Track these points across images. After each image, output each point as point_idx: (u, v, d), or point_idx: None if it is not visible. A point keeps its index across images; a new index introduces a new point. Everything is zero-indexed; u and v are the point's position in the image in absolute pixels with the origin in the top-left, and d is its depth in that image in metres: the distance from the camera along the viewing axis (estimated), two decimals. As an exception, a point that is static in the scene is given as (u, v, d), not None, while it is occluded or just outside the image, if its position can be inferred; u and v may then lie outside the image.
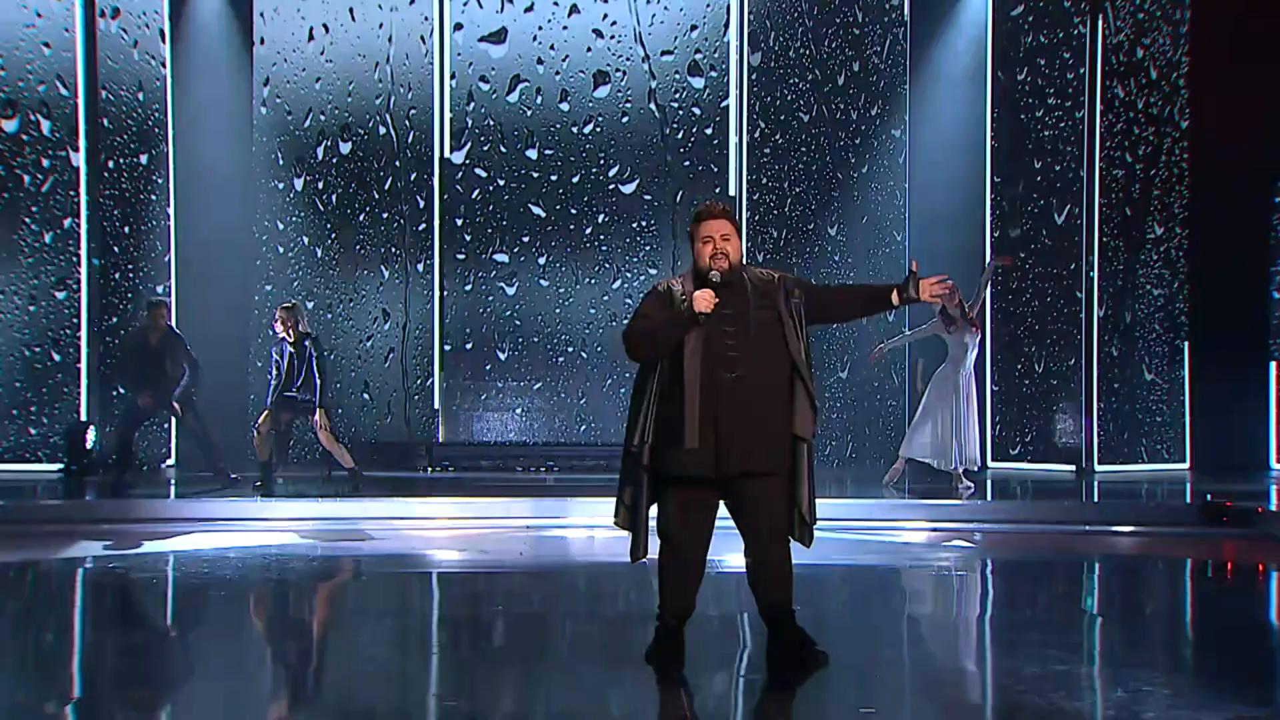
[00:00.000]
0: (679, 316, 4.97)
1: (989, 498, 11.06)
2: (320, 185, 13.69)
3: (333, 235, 13.67)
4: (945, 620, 6.81)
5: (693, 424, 4.90)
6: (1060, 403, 13.38)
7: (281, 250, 13.75)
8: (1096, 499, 11.38)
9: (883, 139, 14.13)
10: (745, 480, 4.97)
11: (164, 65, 13.18)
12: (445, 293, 13.55)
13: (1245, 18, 13.17)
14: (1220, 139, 13.32)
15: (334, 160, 13.65)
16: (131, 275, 12.81)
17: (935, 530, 9.67)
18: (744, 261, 5.15)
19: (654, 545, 5.17)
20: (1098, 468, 13.05)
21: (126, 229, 12.81)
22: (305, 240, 13.72)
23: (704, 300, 4.92)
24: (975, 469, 10.98)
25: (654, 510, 5.14)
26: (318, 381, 10.77)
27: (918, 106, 14.36)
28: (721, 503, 5.10)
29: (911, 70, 14.29)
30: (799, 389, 5.01)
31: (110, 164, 12.69)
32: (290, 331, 10.80)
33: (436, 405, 13.53)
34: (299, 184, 13.70)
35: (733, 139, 13.58)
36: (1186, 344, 13.46)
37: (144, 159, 12.97)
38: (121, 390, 11.44)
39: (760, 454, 4.96)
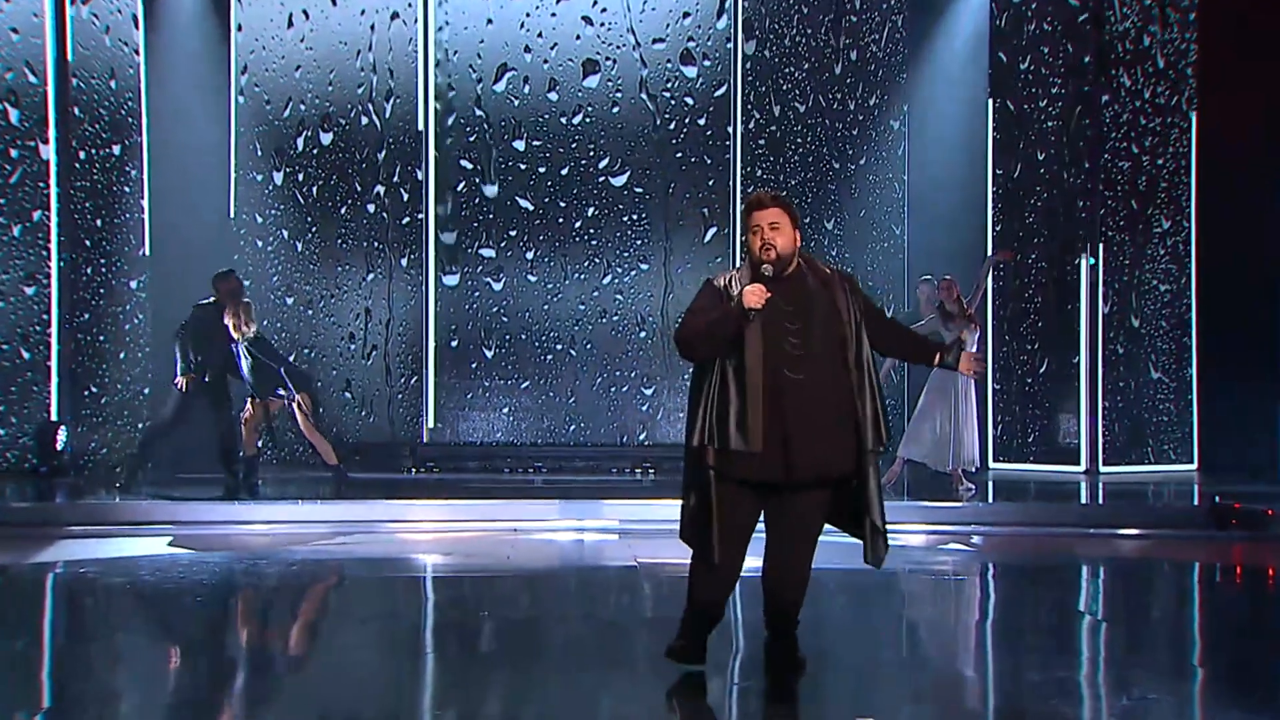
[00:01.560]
0: (730, 312, 4.87)
1: (989, 499, 11.07)
2: (301, 177, 13.65)
3: (314, 229, 13.64)
4: (944, 625, 6.82)
5: (757, 427, 4.81)
6: (1063, 402, 13.39)
7: (260, 244, 13.72)
8: (1101, 501, 11.40)
9: (881, 130, 14.13)
10: (801, 489, 4.91)
11: (137, 52, 13.10)
12: (430, 288, 13.51)
13: (1251, 3, 13.16)
14: (1230, 129, 13.31)
15: (315, 151, 13.61)
16: (104, 270, 12.75)
17: (934, 533, 9.68)
18: (800, 249, 5.03)
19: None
20: (1102, 469, 13.07)
21: (99, 222, 12.74)
22: (285, 234, 13.69)
23: (754, 295, 4.81)
24: (975, 470, 10.99)
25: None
26: (278, 372, 10.91)
27: (917, 96, 14.37)
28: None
29: (910, 59, 14.29)
30: (865, 393, 4.91)
31: (81, 155, 12.62)
32: (236, 331, 10.93)
33: (422, 404, 13.49)
34: (278, 176, 13.66)
35: (727, 129, 13.55)
36: (1194, 341, 13.48)
37: (117, 150, 12.90)
38: (183, 365, 11.20)
39: (833, 461, 4.90)
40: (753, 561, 5.11)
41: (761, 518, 5.06)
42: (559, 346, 13.54)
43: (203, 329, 11.20)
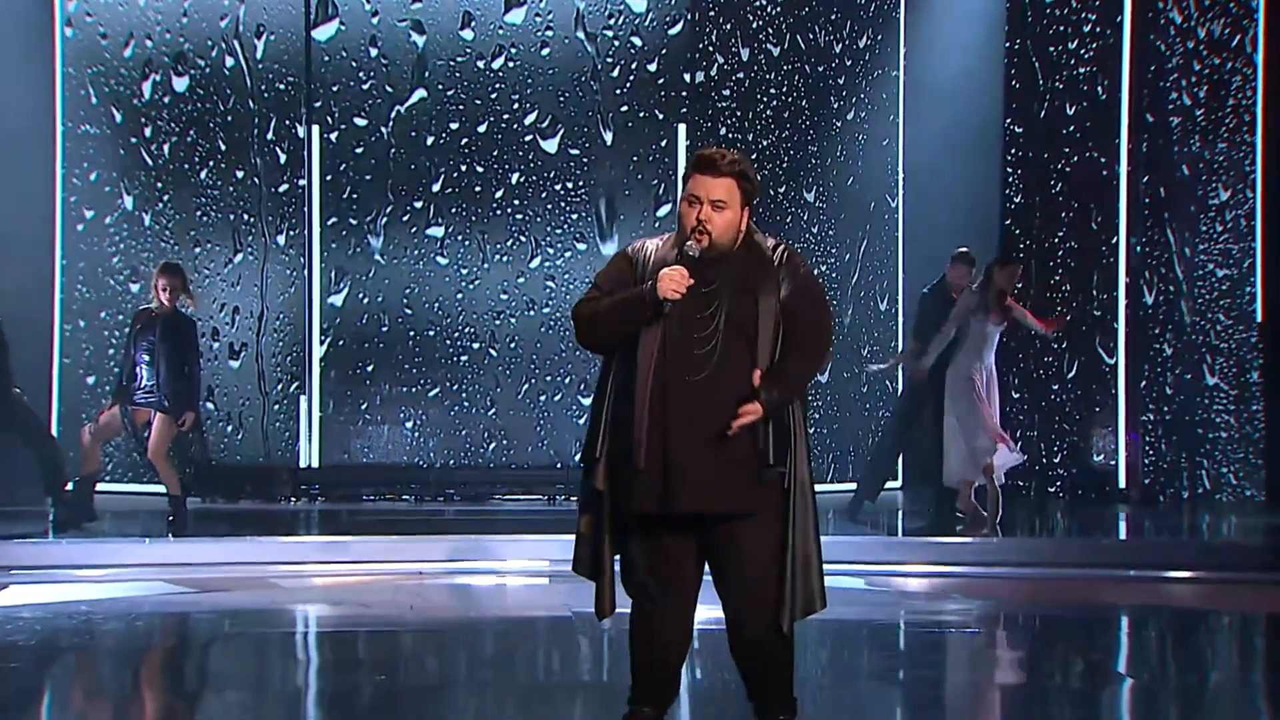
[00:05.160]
0: (638, 297, 4.78)
1: (1005, 533, 11.06)
2: (149, 132, 13.48)
3: (166, 198, 13.48)
4: (952, 691, 6.81)
5: (641, 440, 4.73)
6: (1097, 414, 13.42)
7: (94, 215, 13.53)
8: (1144, 536, 11.43)
9: (874, 78, 14.14)
10: (718, 522, 4.79)
11: (-72, -30, 12.89)
12: (315, 273, 13.39)
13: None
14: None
15: (166, 100, 13.45)
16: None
17: (937, 575, 9.72)
18: (747, 229, 4.87)
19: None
20: (1145, 496, 13.10)
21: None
22: (128, 203, 13.52)
23: (671, 281, 4.69)
24: (1018, 464, 11.02)
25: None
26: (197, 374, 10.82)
27: (917, 36, 14.37)
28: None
29: (910, -10, 14.33)
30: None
31: None
32: (168, 301, 10.63)
33: (305, 417, 13.37)
34: (118, 130, 13.48)
35: (688, 76, 13.53)
36: (1259, 339, 13.52)
37: (-95, 97, 12.72)
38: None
39: (723, 488, 4.75)
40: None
41: None
42: (475, 345, 13.46)
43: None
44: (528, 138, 13.48)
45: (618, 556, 4.93)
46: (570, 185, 13.51)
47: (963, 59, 14.28)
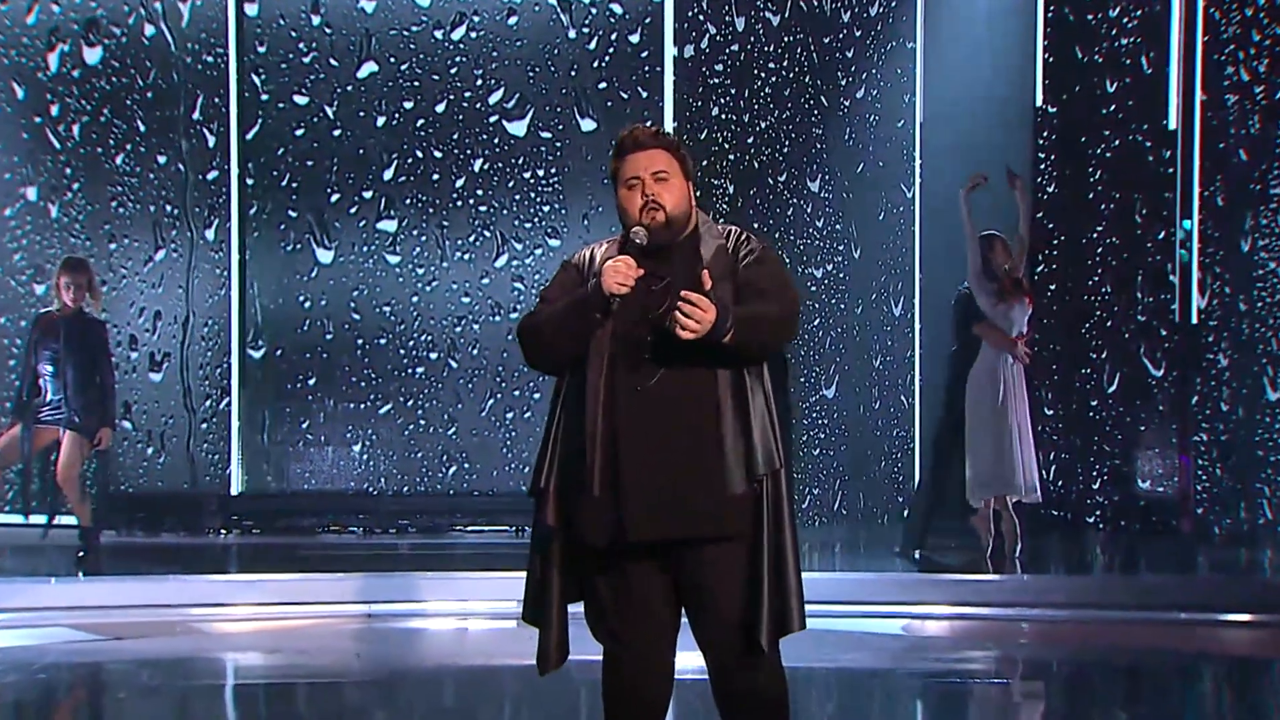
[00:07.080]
0: (581, 298, 4.78)
1: (1050, 569, 11.08)
2: (55, 111, 13.47)
3: (76, 186, 13.48)
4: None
5: (593, 465, 4.73)
6: (1142, 433, 13.42)
7: (-5, 206, 13.53)
8: (1198, 573, 11.43)
9: (887, 51, 14.15)
10: (686, 549, 4.77)
11: None
12: (246, 272, 13.37)
13: None
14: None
15: (76, 74, 13.45)
16: None
17: (960, 617, 9.74)
18: (695, 209, 4.93)
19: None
20: (1198, 527, 13.09)
21: None
22: (32, 193, 13.50)
23: (618, 274, 4.68)
24: (1037, 499, 11.06)
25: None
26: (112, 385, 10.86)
27: (936, 3, 14.38)
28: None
29: (928, -49, 14.36)
30: (738, 410, 4.76)
31: None
32: (72, 302, 10.63)
33: (234, 438, 13.35)
34: (20, 108, 13.46)
35: (670, 50, 13.54)
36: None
37: None
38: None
39: (684, 510, 4.74)
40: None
41: None
42: (433, 355, 13.47)
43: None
44: (493, 119, 13.50)
45: (582, 600, 4.89)
46: (541, 173, 13.52)
47: (988, 29, 14.28)
